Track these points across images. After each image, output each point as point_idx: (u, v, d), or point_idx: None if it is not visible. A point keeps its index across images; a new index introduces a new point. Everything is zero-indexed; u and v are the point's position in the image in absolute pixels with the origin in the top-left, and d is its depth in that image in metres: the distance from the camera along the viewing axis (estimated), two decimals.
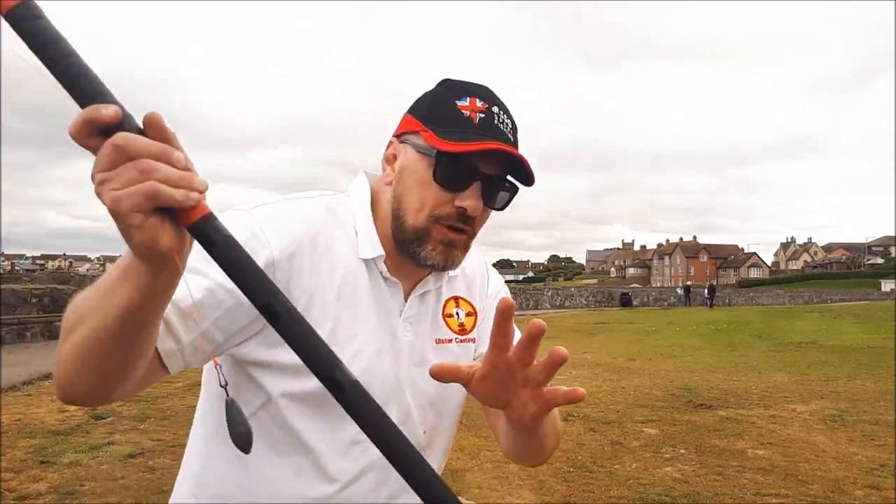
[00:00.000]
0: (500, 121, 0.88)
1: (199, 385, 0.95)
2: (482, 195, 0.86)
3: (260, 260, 0.79)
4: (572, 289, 38.35)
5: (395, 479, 0.76)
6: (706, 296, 41.93)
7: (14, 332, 9.87)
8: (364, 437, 0.65)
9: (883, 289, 74.65)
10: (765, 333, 14.41)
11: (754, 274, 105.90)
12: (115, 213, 0.53)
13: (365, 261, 0.91)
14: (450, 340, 0.98)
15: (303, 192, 0.95)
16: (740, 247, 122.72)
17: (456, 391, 0.94)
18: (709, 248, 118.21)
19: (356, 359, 0.87)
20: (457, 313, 1.00)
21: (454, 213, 0.86)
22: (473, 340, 1.01)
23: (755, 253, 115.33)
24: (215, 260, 0.54)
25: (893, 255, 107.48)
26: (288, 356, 0.72)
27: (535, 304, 30.11)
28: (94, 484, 3.06)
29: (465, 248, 0.90)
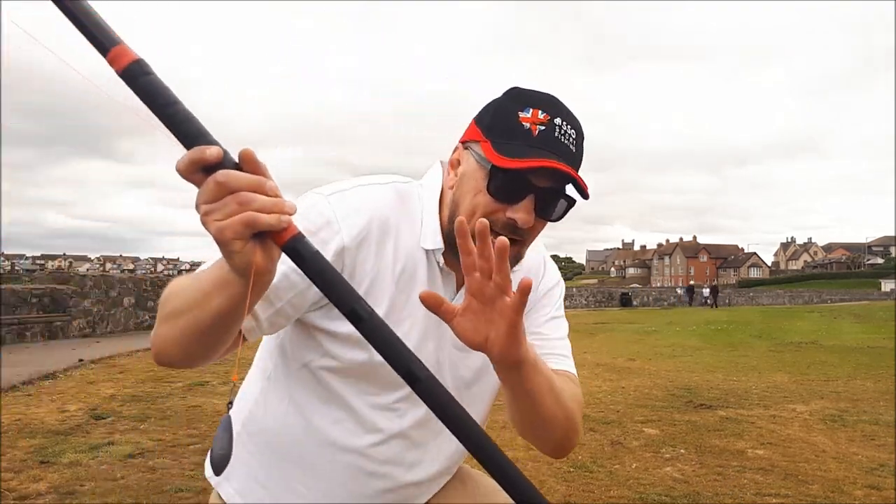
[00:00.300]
0: (562, 132, 0.89)
1: (199, 385, 0.99)
2: (535, 208, 0.89)
3: (332, 246, 0.90)
4: (572, 289, 38.37)
5: (421, 448, 1.00)
6: (705, 296, 41.96)
7: (14, 332, 9.86)
8: (399, 405, 0.90)
9: (883, 289, 74.65)
10: (765, 333, 14.40)
11: (754, 274, 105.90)
12: (219, 241, 0.63)
13: (425, 250, 0.97)
14: None
15: (377, 176, 1.01)
16: (740, 247, 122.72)
17: (492, 377, 0.99)
18: (709, 248, 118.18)
19: (405, 339, 0.85)
20: None
21: (504, 223, 0.89)
22: None
23: (755, 253, 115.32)
24: (305, 273, 0.64)
25: (893, 255, 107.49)
26: (345, 328, 0.84)
27: None
28: (94, 484, 3.06)
29: (516, 256, 0.94)
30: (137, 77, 0.63)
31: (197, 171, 0.63)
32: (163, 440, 3.91)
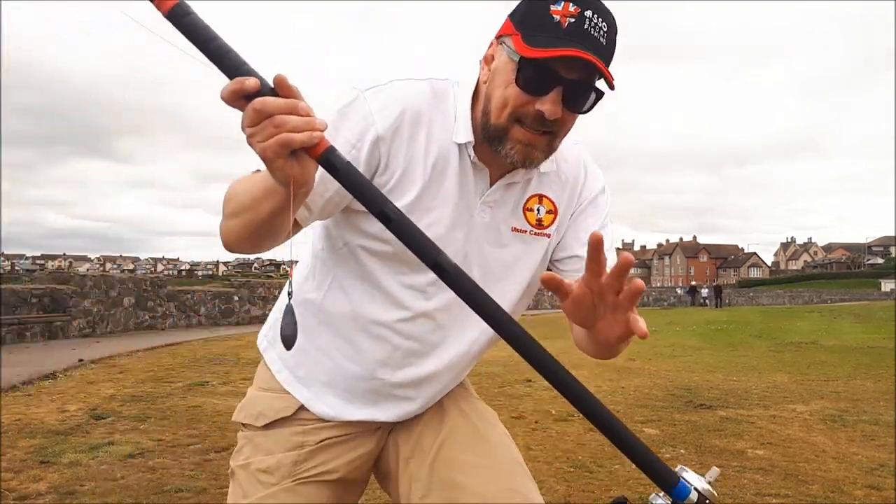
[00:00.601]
0: (592, 25, 0.90)
1: (199, 385, 1.01)
2: (563, 99, 0.91)
3: (368, 137, 0.97)
4: None
5: (444, 330, 1.09)
6: (703, 296, 41.96)
7: (14, 332, 9.86)
8: (428, 288, 1.00)
9: (883, 289, 74.63)
10: (765, 333, 14.40)
11: (754, 274, 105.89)
12: (262, 159, 0.73)
13: (458, 144, 1.02)
14: (524, 231, 1.09)
15: (415, 74, 1.07)
16: (740, 247, 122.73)
17: (523, 274, 1.10)
18: (709, 248, 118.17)
19: (431, 227, 1.00)
20: (537, 209, 1.10)
21: (534, 116, 0.92)
22: (548, 236, 1.11)
23: (755, 253, 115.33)
24: (338, 181, 0.74)
25: (893, 255, 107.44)
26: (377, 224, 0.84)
27: (535, 304, 30.08)
28: (94, 484, 3.06)
29: (548, 149, 0.98)
30: (181, 17, 0.71)
31: (239, 100, 0.71)
32: (163, 440, 3.91)
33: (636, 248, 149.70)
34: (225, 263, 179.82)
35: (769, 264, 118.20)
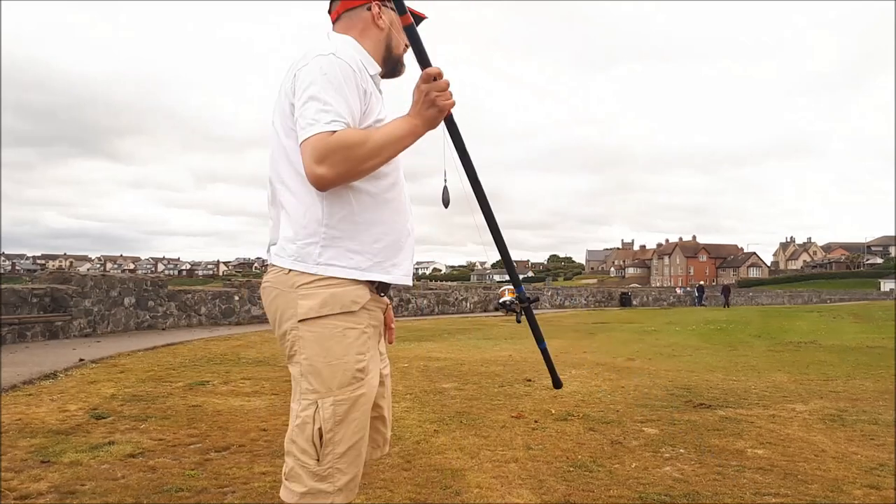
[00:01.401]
0: None
1: (199, 385, 1.03)
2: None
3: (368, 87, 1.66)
4: (572, 288, 38.30)
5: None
6: (696, 295, 41.98)
7: (14, 332, 9.86)
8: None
9: (882, 288, 74.59)
10: (764, 333, 14.41)
11: (754, 274, 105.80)
12: (442, 109, 1.55)
13: (372, 75, 1.70)
14: None
15: (322, 49, 1.60)
16: (740, 247, 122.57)
17: None
18: (708, 248, 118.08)
19: (385, 119, 1.68)
20: None
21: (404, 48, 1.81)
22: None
23: (754, 253, 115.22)
24: (447, 122, 1.67)
25: (893, 255, 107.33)
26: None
27: (535, 304, 30.04)
28: (94, 483, 3.06)
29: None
30: (412, 29, 1.58)
31: (436, 77, 1.54)
32: (163, 440, 3.91)
33: (636, 247, 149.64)
34: (225, 263, 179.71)
35: (768, 264, 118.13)
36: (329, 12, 1.83)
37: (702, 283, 51.12)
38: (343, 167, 1.47)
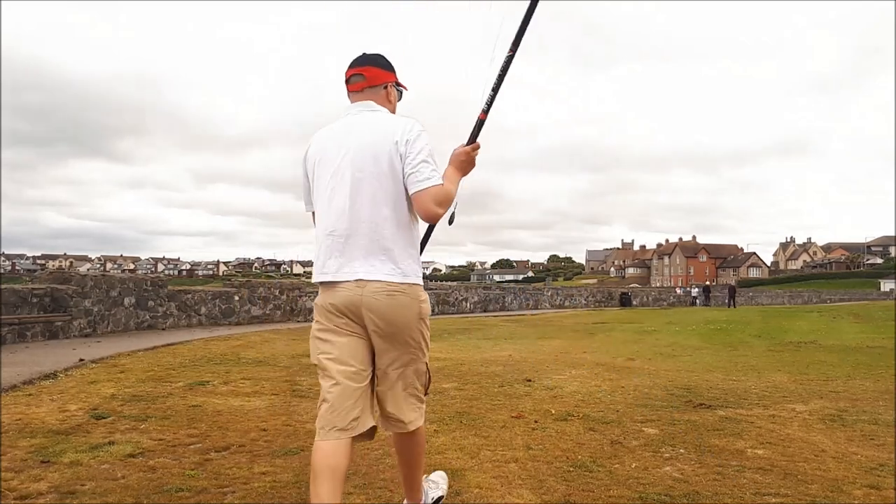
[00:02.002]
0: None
1: (199, 385, 1.02)
2: None
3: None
4: (572, 289, 38.28)
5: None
6: (693, 295, 41.97)
7: (14, 332, 9.85)
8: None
9: (882, 288, 74.55)
10: (764, 333, 14.41)
11: (754, 274, 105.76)
12: (472, 164, 2.43)
13: None
14: None
15: (413, 123, 2.33)
16: (740, 247, 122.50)
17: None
18: (708, 248, 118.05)
19: None
20: None
21: None
22: None
23: (754, 253, 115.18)
24: None
25: (893, 255, 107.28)
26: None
27: (535, 304, 30.08)
28: (94, 483, 3.06)
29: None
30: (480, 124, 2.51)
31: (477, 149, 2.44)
32: (163, 440, 3.91)
33: (636, 247, 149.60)
34: (225, 263, 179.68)
35: (768, 264, 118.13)
36: (347, 83, 2.44)
37: (708, 283, 51.02)
38: (446, 208, 2.25)
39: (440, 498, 2.74)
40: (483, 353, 9.63)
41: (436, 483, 2.80)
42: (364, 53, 2.46)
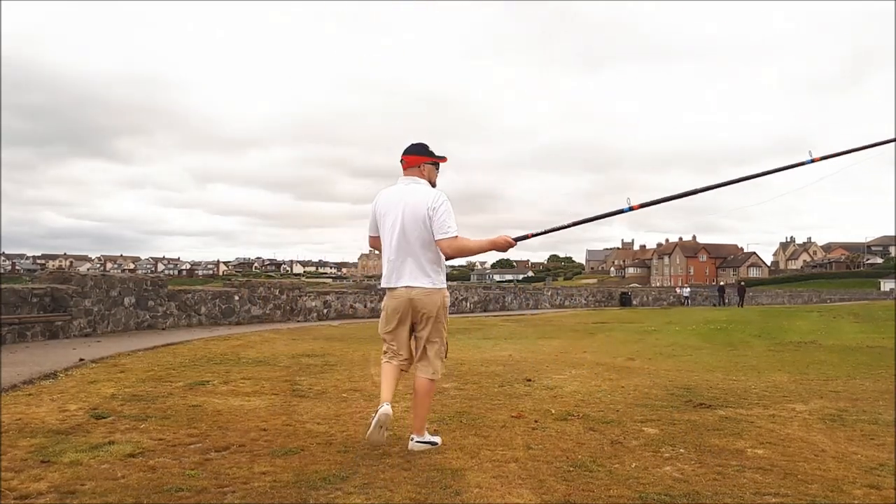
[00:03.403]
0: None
1: (199, 385, 1.03)
2: None
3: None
4: (572, 288, 38.29)
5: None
6: (686, 296, 42.02)
7: (14, 332, 9.86)
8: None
9: (882, 288, 74.56)
10: (764, 333, 14.41)
11: (754, 273, 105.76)
12: (505, 250, 3.95)
13: None
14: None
15: (438, 193, 3.77)
16: (740, 246, 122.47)
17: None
18: (708, 248, 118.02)
19: None
20: None
21: None
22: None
23: (755, 253, 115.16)
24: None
25: (893, 254, 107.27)
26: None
27: (535, 304, 30.09)
28: (94, 483, 3.06)
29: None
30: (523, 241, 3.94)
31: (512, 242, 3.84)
32: (163, 440, 3.91)
33: (636, 247, 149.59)
34: (225, 263, 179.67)
35: (768, 264, 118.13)
36: (401, 161, 3.83)
37: (722, 283, 51.03)
38: (456, 254, 3.72)
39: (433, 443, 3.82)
40: (483, 352, 9.63)
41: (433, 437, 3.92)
42: (408, 146, 3.84)
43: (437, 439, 3.89)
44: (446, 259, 3.77)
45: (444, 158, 3.88)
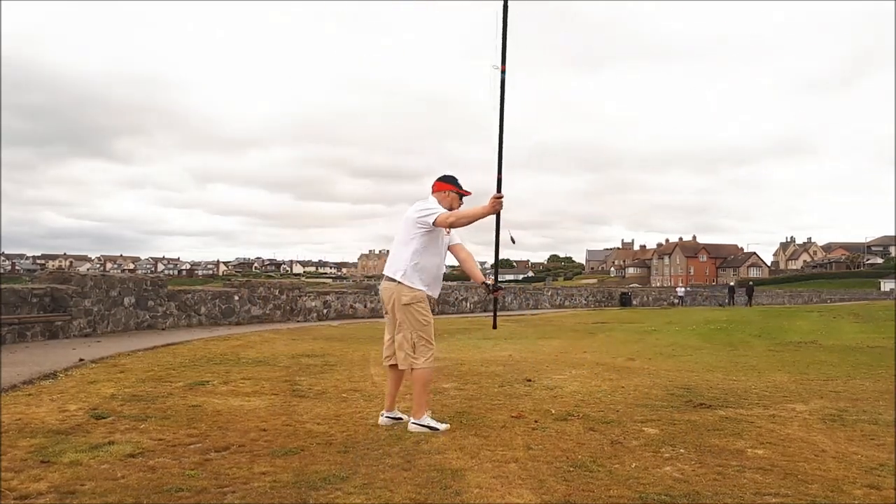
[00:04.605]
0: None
1: (199, 385, 1.03)
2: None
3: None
4: (572, 288, 38.28)
5: (443, 263, 4.51)
6: (680, 295, 42.08)
7: (14, 332, 9.85)
8: (441, 252, 4.47)
9: (882, 288, 74.58)
10: (764, 333, 14.40)
11: (754, 273, 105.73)
12: (497, 210, 4.16)
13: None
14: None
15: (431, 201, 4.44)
16: (740, 247, 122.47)
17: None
18: (708, 248, 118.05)
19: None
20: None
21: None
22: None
23: (755, 253, 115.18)
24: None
25: (893, 254, 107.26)
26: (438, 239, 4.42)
27: (535, 304, 30.08)
28: (94, 483, 3.06)
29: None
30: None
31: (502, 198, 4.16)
32: (163, 440, 3.91)
33: (636, 247, 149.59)
34: (225, 263, 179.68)
35: (769, 264, 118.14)
36: (432, 186, 4.50)
37: (732, 283, 51.13)
38: (456, 222, 4.22)
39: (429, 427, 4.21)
40: (483, 352, 9.63)
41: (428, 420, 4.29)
42: (442, 175, 4.52)
43: (441, 426, 4.27)
44: (452, 227, 4.32)
45: (468, 192, 4.48)
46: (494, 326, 5.37)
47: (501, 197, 4.09)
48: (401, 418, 4.43)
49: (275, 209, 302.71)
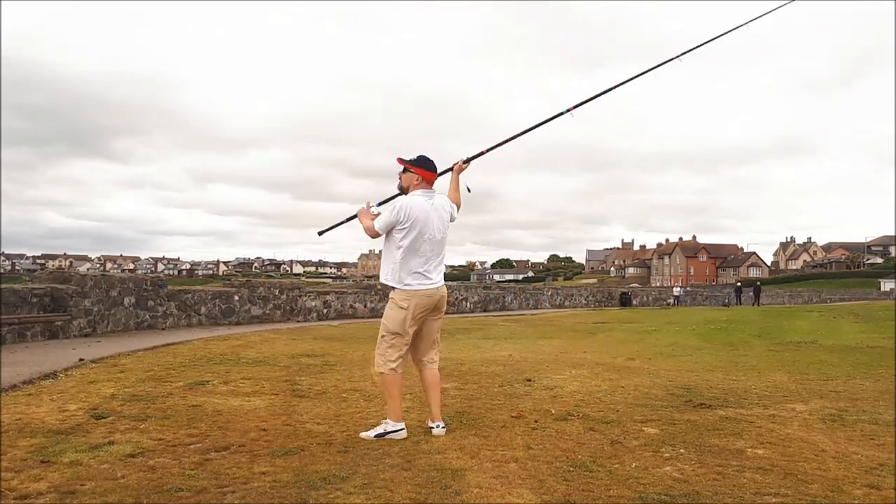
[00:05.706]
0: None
1: (199, 385, 1.03)
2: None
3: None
4: (572, 288, 38.29)
5: (431, 262, 4.21)
6: (676, 294, 42.11)
7: (14, 332, 9.85)
8: (429, 254, 4.24)
9: (882, 288, 74.57)
10: (764, 333, 14.40)
11: (754, 273, 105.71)
12: (461, 171, 4.59)
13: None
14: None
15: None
16: (740, 246, 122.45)
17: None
18: (708, 248, 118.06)
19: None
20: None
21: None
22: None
23: (755, 252, 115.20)
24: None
25: (893, 254, 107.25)
26: (407, 238, 4.10)
27: (535, 304, 30.07)
28: (94, 483, 3.06)
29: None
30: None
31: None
32: (163, 440, 3.91)
33: (636, 247, 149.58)
34: (225, 263, 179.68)
35: (769, 264, 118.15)
36: (418, 175, 4.29)
37: (739, 283, 51.21)
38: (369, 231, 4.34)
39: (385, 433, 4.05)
40: (483, 352, 9.64)
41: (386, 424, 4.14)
42: (426, 160, 4.33)
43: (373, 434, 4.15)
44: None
45: (419, 168, 4.29)
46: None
47: (466, 166, 4.55)
48: (440, 426, 4.20)
49: (274, 209, 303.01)
